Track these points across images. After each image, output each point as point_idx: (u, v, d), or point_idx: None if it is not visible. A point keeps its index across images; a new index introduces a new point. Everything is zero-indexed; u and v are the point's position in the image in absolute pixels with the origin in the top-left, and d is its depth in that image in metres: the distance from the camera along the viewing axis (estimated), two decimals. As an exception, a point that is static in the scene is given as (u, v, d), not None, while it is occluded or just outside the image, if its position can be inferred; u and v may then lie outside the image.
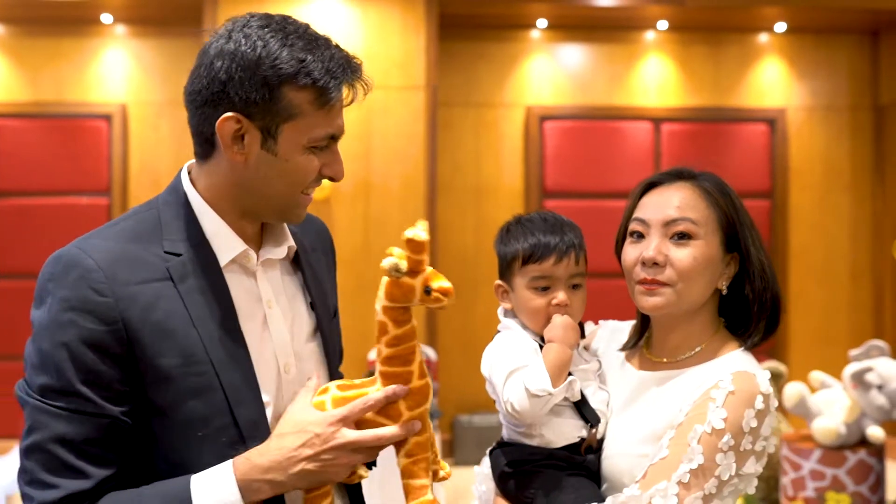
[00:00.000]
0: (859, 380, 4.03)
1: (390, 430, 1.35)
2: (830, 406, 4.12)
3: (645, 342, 1.64)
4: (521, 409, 1.50)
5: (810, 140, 6.18)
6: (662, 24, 5.98)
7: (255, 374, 1.36)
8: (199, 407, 1.31)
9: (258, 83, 1.30)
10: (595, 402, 1.57)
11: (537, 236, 1.59)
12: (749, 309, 1.56)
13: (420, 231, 1.31)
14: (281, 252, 1.45)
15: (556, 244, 1.58)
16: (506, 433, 1.61)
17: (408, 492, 1.37)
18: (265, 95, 1.31)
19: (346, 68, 1.35)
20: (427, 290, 1.32)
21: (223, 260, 1.38)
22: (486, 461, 1.70)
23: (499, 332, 1.64)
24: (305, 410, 1.35)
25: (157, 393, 1.30)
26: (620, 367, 1.63)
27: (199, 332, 1.32)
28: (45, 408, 1.28)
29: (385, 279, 1.33)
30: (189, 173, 1.43)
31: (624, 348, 1.66)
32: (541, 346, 1.58)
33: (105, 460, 1.29)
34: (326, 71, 1.32)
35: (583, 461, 1.54)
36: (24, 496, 1.31)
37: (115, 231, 1.36)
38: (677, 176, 1.59)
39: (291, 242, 1.48)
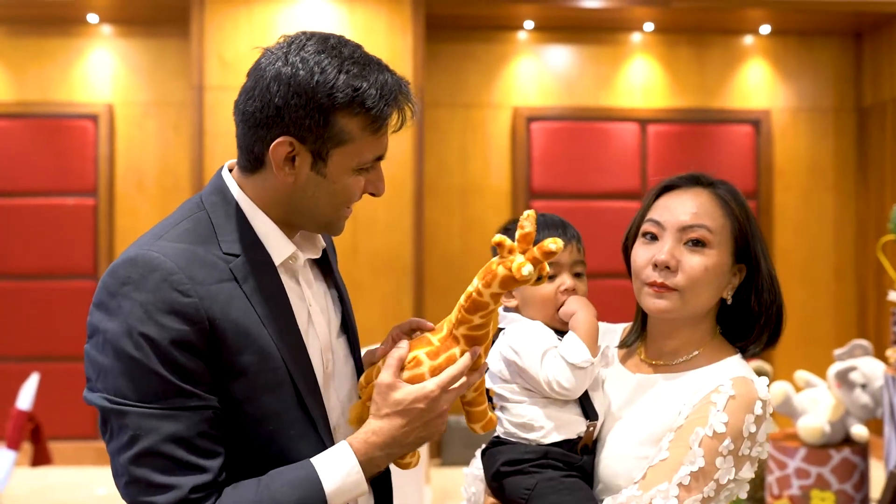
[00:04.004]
0: (843, 379, 4.06)
1: (475, 377, 1.44)
2: (815, 405, 4.15)
3: (640, 343, 1.63)
4: (569, 384, 1.51)
5: (794, 141, 6.23)
6: (648, 26, 6.00)
7: (314, 370, 1.40)
8: (271, 402, 1.34)
9: (313, 110, 1.33)
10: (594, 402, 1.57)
11: (544, 229, 1.63)
12: (752, 320, 1.55)
13: (554, 244, 1.34)
14: (317, 252, 1.50)
15: (562, 232, 1.62)
16: (501, 430, 1.60)
17: (474, 418, 1.49)
18: (319, 122, 1.33)
19: (397, 94, 1.37)
20: (539, 278, 1.38)
21: (277, 260, 1.40)
22: (476, 462, 1.71)
23: (502, 328, 1.63)
24: (401, 388, 1.38)
25: (236, 388, 1.33)
26: (615, 368, 1.63)
27: (268, 330, 1.35)
28: (150, 412, 1.27)
29: (501, 271, 1.36)
30: (230, 173, 1.44)
31: (622, 346, 1.66)
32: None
33: (215, 452, 1.31)
34: (380, 98, 1.35)
35: (579, 461, 1.54)
36: None
37: (177, 233, 1.36)
38: (695, 181, 1.57)
39: (323, 243, 1.52)
